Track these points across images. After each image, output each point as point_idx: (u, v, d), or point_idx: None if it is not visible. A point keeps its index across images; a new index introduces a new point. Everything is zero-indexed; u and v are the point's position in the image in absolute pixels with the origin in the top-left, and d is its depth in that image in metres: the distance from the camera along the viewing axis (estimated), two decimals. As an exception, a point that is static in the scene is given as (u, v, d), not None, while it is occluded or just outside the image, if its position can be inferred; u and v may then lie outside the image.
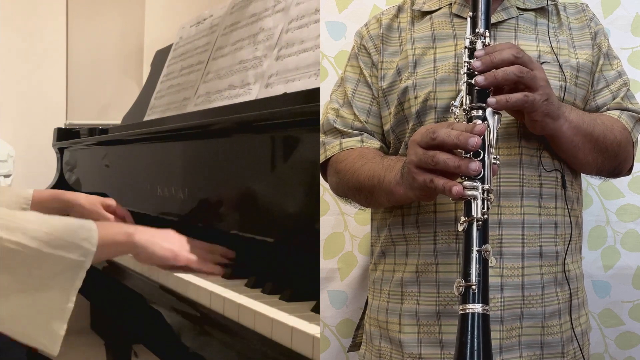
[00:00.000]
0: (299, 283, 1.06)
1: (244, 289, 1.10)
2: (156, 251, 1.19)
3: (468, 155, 0.91)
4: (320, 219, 1.53)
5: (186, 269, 1.22)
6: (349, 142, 1.16)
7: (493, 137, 0.94)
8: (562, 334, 1.08)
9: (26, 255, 1.01)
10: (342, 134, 1.17)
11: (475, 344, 0.84)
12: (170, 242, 1.23)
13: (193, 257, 1.22)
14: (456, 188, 0.90)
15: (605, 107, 1.15)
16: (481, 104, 0.95)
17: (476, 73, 0.96)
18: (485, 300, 0.87)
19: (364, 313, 1.24)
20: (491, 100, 0.94)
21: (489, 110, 0.95)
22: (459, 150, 0.92)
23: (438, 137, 0.91)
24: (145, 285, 1.29)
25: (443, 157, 0.90)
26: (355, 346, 1.27)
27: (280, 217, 1.15)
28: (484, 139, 0.92)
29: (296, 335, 0.85)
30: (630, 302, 1.54)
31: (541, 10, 1.15)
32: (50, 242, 1.03)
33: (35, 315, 1.02)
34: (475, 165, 0.90)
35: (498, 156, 0.94)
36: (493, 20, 1.09)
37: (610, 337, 1.56)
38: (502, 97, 0.94)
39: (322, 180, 1.21)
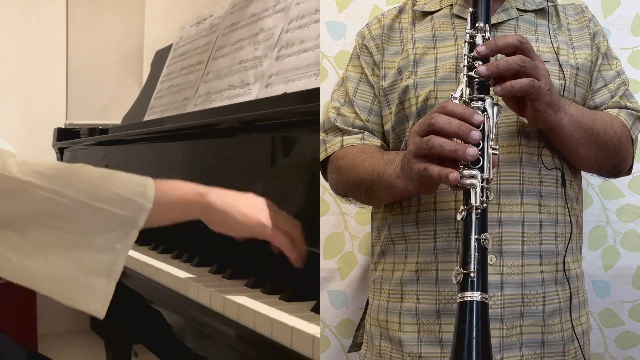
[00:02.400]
0: (299, 283, 1.06)
1: (244, 289, 1.10)
2: (239, 219, 1.01)
3: None
4: (320, 219, 1.53)
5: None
6: (349, 140, 1.16)
7: (492, 127, 0.93)
8: (562, 333, 1.08)
9: (67, 206, 0.88)
10: (343, 132, 1.17)
11: (474, 332, 0.82)
12: (254, 208, 1.04)
13: (282, 236, 1.03)
14: (453, 175, 0.88)
15: (603, 106, 1.15)
16: (481, 96, 0.95)
17: (476, 65, 0.95)
18: (484, 289, 0.85)
19: (364, 313, 1.24)
20: (497, 88, 0.94)
21: (488, 102, 0.94)
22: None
23: (437, 123, 0.90)
24: (145, 285, 1.29)
25: (438, 141, 0.89)
26: (356, 346, 1.27)
27: (280, 217, 1.15)
28: (483, 129, 0.91)
29: (296, 335, 0.85)
30: (630, 302, 1.54)
31: (541, 12, 1.15)
32: (94, 194, 0.90)
33: (79, 275, 0.89)
34: (472, 150, 0.89)
35: (497, 147, 0.94)
36: (493, 21, 1.09)
37: (610, 337, 1.56)
38: (508, 83, 0.94)
39: (322, 180, 1.21)
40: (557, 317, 1.07)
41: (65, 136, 2.42)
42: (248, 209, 1.03)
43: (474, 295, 0.84)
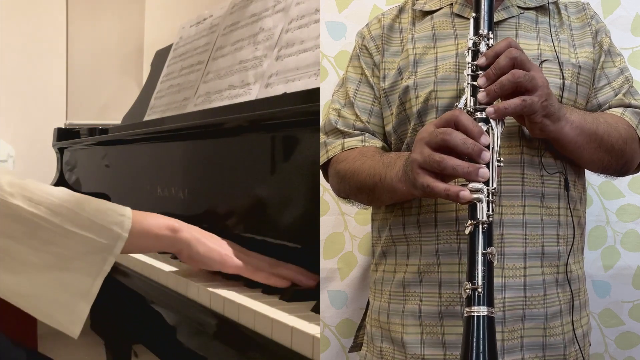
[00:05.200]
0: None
1: (244, 289, 1.10)
2: (201, 251, 1.09)
3: None
4: (320, 219, 1.53)
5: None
6: (350, 142, 1.15)
7: (497, 139, 0.94)
8: (564, 336, 1.07)
9: (48, 230, 0.96)
10: (344, 135, 1.17)
11: (481, 347, 0.84)
12: (218, 245, 1.11)
13: (242, 264, 1.09)
14: (464, 193, 0.90)
15: (607, 105, 1.14)
16: (485, 106, 0.95)
17: (481, 74, 0.96)
18: (490, 303, 0.87)
19: (365, 313, 1.23)
20: (489, 110, 0.95)
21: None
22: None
23: (451, 141, 0.91)
24: (145, 285, 1.29)
25: (452, 163, 0.90)
26: (356, 347, 1.26)
27: (280, 217, 1.15)
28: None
29: (296, 335, 0.85)
30: (630, 302, 1.54)
31: (542, 9, 1.15)
32: (75, 221, 0.97)
33: (57, 294, 0.96)
34: (485, 172, 0.91)
35: (501, 158, 0.95)
36: (494, 19, 1.09)
37: (610, 337, 1.56)
38: (501, 106, 0.95)
39: (322, 180, 1.21)
40: (558, 319, 1.07)
41: (65, 136, 2.42)
42: (212, 244, 1.10)
43: (481, 310, 0.86)
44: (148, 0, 3.53)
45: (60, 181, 2.36)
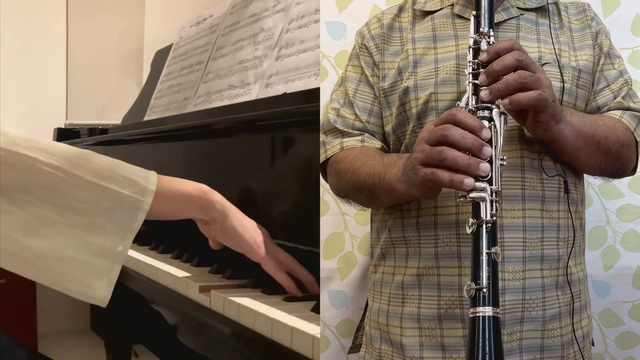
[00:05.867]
0: (299, 283, 1.06)
1: (244, 289, 1.10)
2: (237, 227, 1.00)
3: None
4: (320, 219, 1.53)
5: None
6: (349, 142, 1.15)
7: (500, 138, 0.93)
8: (562, 338, 1.07)
9: (71, 183, 0.87)
10: (343, 134, 1.16)
11: (487, 348, 0.83)
12: (253, 229, 1.03)
13: (266, 256, 1.04)
14: (468, 181, 0.88)
15: (606, 107, 1.14)
16: (487, 105, 0.94)
17: (481, 87, 0.95)
18: (495, 303, 0.86)
19: (364, 314, 1.23)
20: (505, 101, 0.93)
21: (495, 111, 0.94)
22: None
23: (450, 136, 0.90)
24: (145, 285, 1.29)
25: (452, 154, 0.89)
26: (355, 348, 1.26)
27: (280, 217, 1.15)
28: (490, 140, 0.92)
29: (296, 335, 0.85)
30: (630, 302, 1.54)
31: (542, 10, 1.14)
32: (99, 174, 0.88)
33: (84, 256, 0.87)
34: (485, 166, 0.90)
35: (504, 157, 0.94)
36: (495, 19, 1.08)
37: (610, 337, 1.56)
38: (515, 97, 0.93)
39: (322, 180, 1.21)
40: (556, 321, 1.06)
41: (65, 136, 2.42)
42: (249, 226, 1.03)
43: (486, 311, 0.85)
44: (148, 0, 3.53)
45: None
